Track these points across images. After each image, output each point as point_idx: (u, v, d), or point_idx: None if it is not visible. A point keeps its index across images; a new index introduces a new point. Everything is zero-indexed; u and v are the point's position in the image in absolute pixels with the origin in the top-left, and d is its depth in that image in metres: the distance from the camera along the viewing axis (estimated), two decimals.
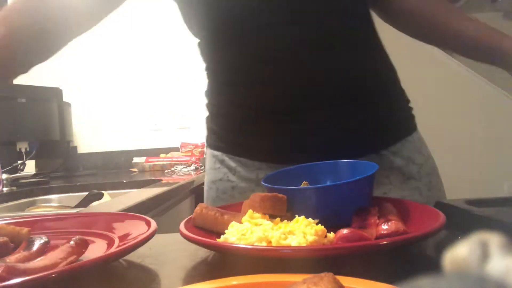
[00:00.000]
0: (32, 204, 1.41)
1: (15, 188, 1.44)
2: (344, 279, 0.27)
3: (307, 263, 0.37)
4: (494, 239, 0.15)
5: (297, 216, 0.46)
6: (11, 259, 0.41)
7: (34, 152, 1.59)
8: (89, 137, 2.34)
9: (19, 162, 1.58)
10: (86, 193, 1.35)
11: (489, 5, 1.52)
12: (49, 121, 1.73)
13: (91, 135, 2.34)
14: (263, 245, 0.40)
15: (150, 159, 2.05)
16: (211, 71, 0.75)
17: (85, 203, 1.28)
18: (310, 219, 0.44)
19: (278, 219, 0.47)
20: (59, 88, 1.83)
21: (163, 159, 2.05)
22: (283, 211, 0.49)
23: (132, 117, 2.33)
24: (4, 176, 1.42)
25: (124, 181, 1.58)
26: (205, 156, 0.84)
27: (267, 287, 0.29)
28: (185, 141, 2.22)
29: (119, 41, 2.31)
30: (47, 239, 0.46)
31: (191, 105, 2.29)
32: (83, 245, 0.42)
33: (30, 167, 1.87)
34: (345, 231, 0.40)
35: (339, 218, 0.48)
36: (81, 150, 2.30)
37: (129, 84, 2.32)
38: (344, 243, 0.40)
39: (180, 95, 2.29)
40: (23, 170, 1.63)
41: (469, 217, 0.49)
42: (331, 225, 0.44)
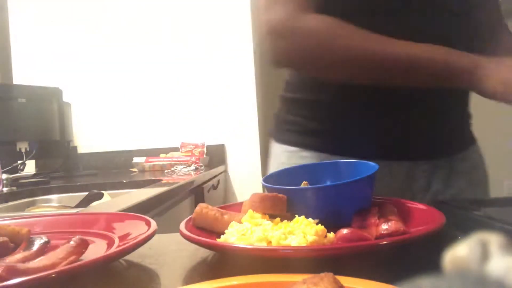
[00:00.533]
0: (32, 204, 1.41)
1: (15, 188, 1.44)
2: (344, 279, 0.27)
3: (307, 263, 0.37)
4: (494, 239, 0.15)
5: (297, 216, 0.46)
6: (11, 259, 0.41)
7: (34, 152, 1.59)
8: (89, 137, 2.34)
9: (19, 162, 1.57)
10: (86, 193, 1.34)
11: None
12: (49, 121, 1.73)
13: (91, 135, 2.34)
14: (263, 245, 0.40)
15: (150, 159, 2.06)
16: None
17: (85, 203, 1.28)
18: (310, 219, 0.44)
19: (278, 219, 0.47)
20: (59, 88, 1.83)
21: (163, 159, 2.05)
22: (283, 211, 0.49)
23: (132, 117, 2.33)
24: (4, 176, 1.42)
25: (124, 181, 1.58)
26: (270, 152, 0.83)
27: (267, 287, 0.29)
28: (185, 141, 2.22)
29: (119, 41, 2.31)
30: (47, 239, 0.46)
31: (191, 105, 2.29)
32: (83, 245, 0.42)
33: (30, 167, 1.87)
34: (345, 231, 0.40)
35: (339, 218, 0.48)
36: (81, 150, 2.30)
37: (129, 84, 2.32)
38: (344, 243, 0.40)
39: (180, 95, 2.29)
40: (23, 170, 1.63)
41: (469, 217, 0.49)
42: (331, 225, 0.44)
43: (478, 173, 0.78)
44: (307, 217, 0.45)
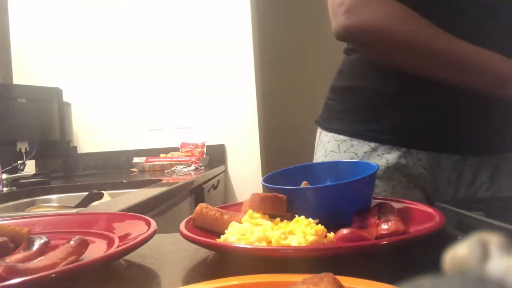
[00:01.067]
0: (32, 204, 1.41)
1: (15, 188, 1.44)
2: (344, 279, 0.27)
3: (307, 263, 0.37)
4: (494, 239, 0.15)
5: (297, 216, 0.46)
6: (11, 259, 0.41)
7: (34, 152, 1.59)
8: (89, 137, 2.34)
9: (19, 162, 1.58)
10: (86, 193, 1.34)
11: None
12: (49, 121, 1.73)
13: (91, 135, 2.34)
14: (263, 245, 0.40)
15: (150, 159, 2.06)
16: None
17: (85, 203, 1.28)
18: (310, 219, 0.44)
19: (278, 219, 0.47)
20: (59, 88, 1.83)
21: (163, 159, 2.05)
22: (283, 211, 0.49)
23: (132, 117, 2.33)
24: (4, 176, 1.42)
25: (124, 181, 1.58)
26: (318, 141, 0.84)
27: (267, 287, 0.29)
28: (185, 141, 2.22)
29: (119, 41, 2.31)
30: (47, 239, 0.46)
31: (191, 105, 2.29)
32: (83, 245, 0.42)
33: (30, 167, 1.87)
34: (345, 231, 0.40)
35: (339, 218, 0.48)
36: (81, 150, 2.30)
37: (129, 84, 2.32)
38: (344, 243, 0.40)
39: (180, 95, 2.29)
40: (23, 170, 1.63)
41: (469, 217, 0.49)
42: (331, 225, 0.44)
43: None
44: (307, 217, 0.45)
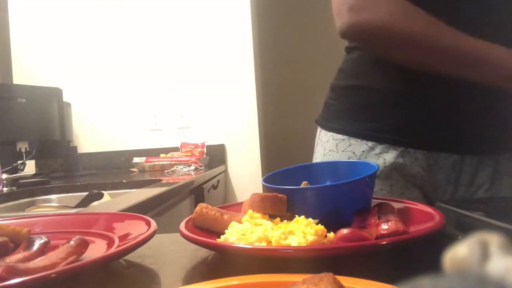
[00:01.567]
0: (32, 204, 1.41)
1: (15, 188, 1.44)
2: (344, 279, 0.27)
3: (307, 263, 0.37)
4: (494, 239, 0.15)
5: (297, 216, 0.46)
6: (11, 259, 0.41)
7: (34, 152, 1.59)
8: (89, 137, 2.34)
9: (19, 162, 1.58)
10: (86, 193, 1.35)
11: None
12: (49, 121, 1.73)
13: (91, 135, 2.34)
14: (263, 245, 0.40)
15: (150, 159, 2.06)
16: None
17: (85, 203, 1.28)
18: (310, 219, 0.44)
19: (278, 219, 0.47)
20: (59, 88, 1.83)
21: (163, 159, 2.05)
22: (283, 211, 0.49)
23: (132, 117, 2.33)
24: (4, 176, 1.42)
25: (124, 181, 1.58)
26: (318, 140, 0.85)
27: (267, 287, 0.29)
28: (185, 141, 2.22)
29: (120, 41, 2.31)
30: (47, 239, 0.46)
31: (191, 105, 2.29)
32: (83, 245, 0.42)
33: (30, 167, 1.87)
34: (345, 231, 0.40)
35: (339, 218, 0.48)
36: (81, 150, 2.30)
37: (129, 84, 2.32)
38: (344, 243, 0.40)
39: (180, 95, 2.29)
40: (23, 170, 1.63)
41: (469, 217, 0.49)
42: (331, 225, 0.44)
43: None
44: (307, 217, 0.45)
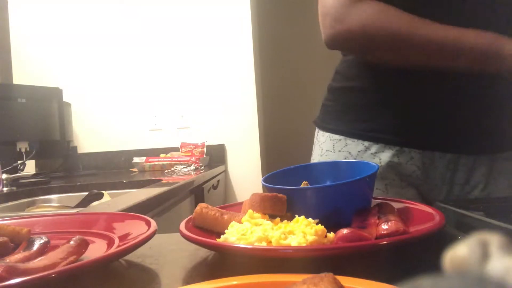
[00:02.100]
0: (32, 204, 1.41)
1: (15, 188, 1.44)
2: (344, 279, 0.27)
3: (307, 263, 0.37)
4: (494, 239, 0.15)
5: (297, 216, 0.46)
6: (11, 259, 0.41)
7: (34, 152, 1.59)
8: (89, 137, 2.34)
9: (19, 162, 1.58)
10: (86, 193, 1.35)
11: None
12: (49, 121, 1.73)
13: (91, 135, 2.34)
14: (263, 245, 0.40)
15: (150, 159, 2.06)
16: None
17: (85, 203, 1.28)
18: (310, 219, 0.44)
19: (278, 219, 0.47)
20: (59, 88, 1.83)
21: (163, 159, 2.05)
22: (283, 211, 0.49)
23: (132, 117, 2.33)
24: (4, 176, 1.42)
25: (124, 181, 1.58)
26: (315, 140, 0.86)
27: (267, 287, 0.29)
28: (185, 141, 2.22)
29: (120, 41, 2.31)
30: (47, 239, 0.46)
31: (191, 105, 2.29)
32: (83, 245, 0.42)
33: (30, 167, 1.87)
34: (345, 231, 0.40)
35: (339, 218, 0.48)
36: (81, 150, 2.30)
37: (129, 84, 2.32)
38: (344, 243, 0.40)
39: (180, 95, 2.29)
40: (23, 170, 1.63)
41: (469, 217, 0.49)
42: (331, 225, 0.44)
43: None
44: (307, 217, 0.45)
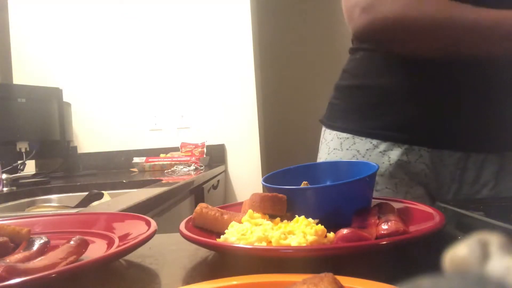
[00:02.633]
0: (32, 204, 1.41)
1: (15, 188, 1.44)
2: (344, 279, 0.27)
3: (307, 263, 0.37)
4: (494, 239, 0.15)
5: (297, 216, 0.46)
6: (11, 259, 0.41)
7: (34, 152, 1.59)
8: (89, 137, 2.34)
9: (19, 162, 1.58)
10: (86, 193, 1.35)
11: None
12: (49, 121, 1.73)
13: (91, 135, 2.34)
14: (263, 245, 0.40)
15: (150, 159, 2.06)
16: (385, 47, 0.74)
17: (85, 203, 1.28)
18: (310, 219, 0.44)
19: (278, 219, 0.47)
20: (59, 88, 1.83)
21: (163, 159, 2.05)
22: (283, 211, 0.49)
23: (132, 117, 2.33)
24: (4, 176, 1.42)
25: (124, 181, 1.58)
26: (322, 139, 0.86)
27: (267, 287, 0.29)
28: (185, 141, 2.22)
29: (120, 41, 2.31)
30: (47, 239, 0.46)
31: (191, 105, 2.29)
32: (83, 245, 0.42)
33: (30, 167, 1.87)
34: (345, 231, 0.40)
35: (339, 218, 0.48)
36: (81, 150, 2.30)
37: (129, 84, 2.32)
38: (344, 243, 0.40)
39: (180, 95, 2.29)
40: (23, 170, 1.63)
41: (469, 217, 0.49)
42: (331, 225, 0.44)
43: None
44: (307, 217, 0.45)
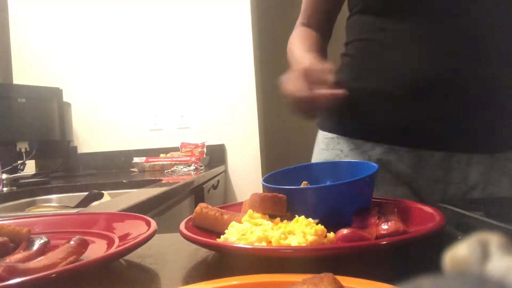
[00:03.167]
0: (32, 204, 1.41)
1: (15, 188, 1.44)
2: (344, 279, 0.27)
3: (307, 263, 0.37)
4: (494, 239, 0.15)
5: (297, 216, 0.46)
6: (11, 259, 0.41)
7: (34, 152, 1.59)
8: (89, 137, 2.34)
9: (19, 162, 1.58)
10: (86, 193, 1.35)
11: None
12: (49, 121, 1.73)
13: (91, 135, 2.34)
14: (263, 245, 0.41)
15: (150, 159, 2.06)
16: (359, 50, 0.78)
17: (85, 203, 1.28)
18: (310, 219, 0.44)
19: (278, 219, 0.47)
20: (59, 88, 1.83)
21: (163, 159, 2.05)
22: (283, 211, 0.49)
23: (132, 117, 2.33)
24: (4, 176, 1.42)
25: (124, 181, 1.58)
26: (316, 139, 0.89)
27: (267, 287, 0.29)
28: (185, 141, 2.22)
29: (120, 41, 2.31)
30: (47, 239, 0.46)
31: (191, 105, 2.29)
32: (83, 245, 0.42)
33: (30, 167, 1.87)
34: (345, 231, 0.40)
35: (339, 218, 0.48)
36: (81, 150, 2.30)
37: (129, 84, 2.32)
38: (344, 243, 0.40)
39: (180, 95, 2.29)
40: (23, 170, 1.63)
41: (469, 217, 0.49)
42: (331, 225, 0.44)
43: None
44: (307, 217, 0.45)
